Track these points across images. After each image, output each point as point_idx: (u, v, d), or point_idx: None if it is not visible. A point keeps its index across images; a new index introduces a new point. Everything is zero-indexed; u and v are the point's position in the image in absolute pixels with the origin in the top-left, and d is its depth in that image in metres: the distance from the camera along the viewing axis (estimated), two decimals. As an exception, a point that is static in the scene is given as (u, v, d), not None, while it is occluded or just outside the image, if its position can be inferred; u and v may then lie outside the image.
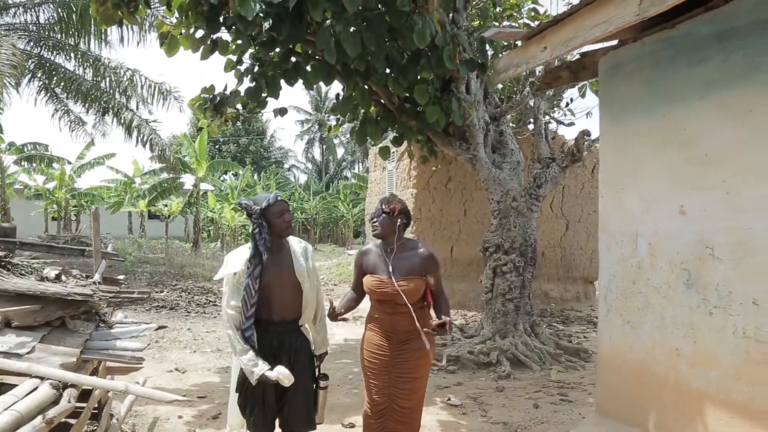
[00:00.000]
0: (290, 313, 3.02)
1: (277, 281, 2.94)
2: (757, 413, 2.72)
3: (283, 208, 2.96)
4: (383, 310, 3.15)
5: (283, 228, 2.96)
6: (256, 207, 2.91)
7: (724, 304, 2.88)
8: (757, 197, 2.71)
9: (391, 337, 3.17)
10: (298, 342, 3.05)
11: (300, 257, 3.06)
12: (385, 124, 6.68)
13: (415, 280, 3.11)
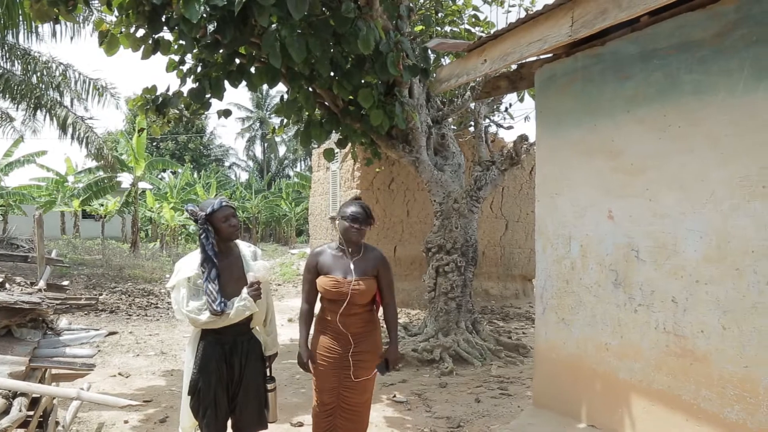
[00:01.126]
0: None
1: (228, 284, 2.96)
2: (673, 400, 2.99)
3: (228, 213, 2.98)
4: (336, 311, 3.13)
5: (229, 233, 2.99)
6: (201, 213, 2.94)
7: (647, 302, 3.14)
8: (675, 204, 2.97)
9: (341, 338, 3.18)
10: (249, 344, 3.10)
11: (250, 261, 3.10)
12: (329, 126, 6.75)
13: (369, 280, 3.15)
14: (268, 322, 3.26)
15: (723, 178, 2.73)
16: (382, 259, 3.26)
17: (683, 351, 2.94)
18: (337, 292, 3.09)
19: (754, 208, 2.59)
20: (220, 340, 3.01)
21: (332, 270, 3.14)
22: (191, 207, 3.03)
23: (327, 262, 3.17)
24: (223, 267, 2.99)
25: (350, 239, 3.12)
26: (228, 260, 3.04)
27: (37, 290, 2.87)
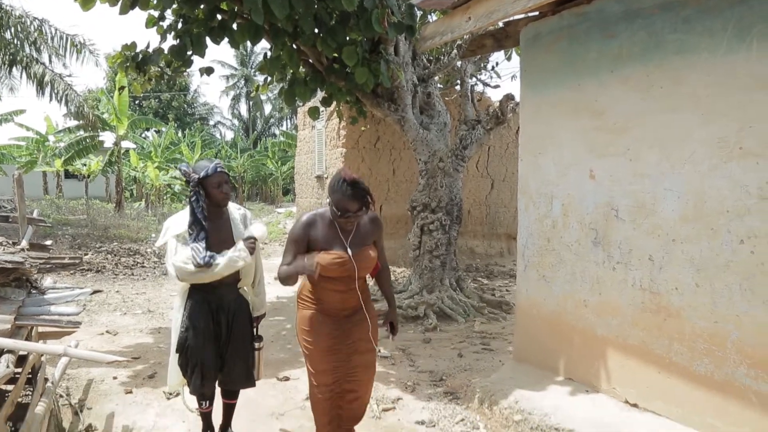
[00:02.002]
0: (229, 277, 3.02)
1: (216, 247, 2.95)
2: (647, 355, 3.09)
3: (222, 179, 2.97)
4: (334, 289, 2.79)
5: (219, 199, 2.98)
6: (194, 175, 2.93)
7: (625, 260, 3.21)
8: (655, 164, 3.01)
9: (340, 315, 2.86)
10: (236, 304, 3.13)
11: (239, 224, 3.10)
12: (313, 84, 6.66)
13: (370, 248, 2.84)
14: (256, 283, 3.27)
15: (703, 139, 2.77)
16: (376, 221, 2.93)
17: (658, 307, 3.03)
18: (342, 269, 2.71)
19: (730, 168, 2.64)
20: (207, 298, 3.04)
21: (330, 243, 2.72)
22: (185, 167, 3.01)
23: (321, 235, 2.74)
24: (211, 230, 2.99)
25: (344, 227, 2.74)
26: (217, 223, 3.04)
27: (20, 250, 2.87)
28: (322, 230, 2.75)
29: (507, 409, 3.46)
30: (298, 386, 4.32)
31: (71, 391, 4.07)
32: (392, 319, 3.09)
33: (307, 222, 2.78)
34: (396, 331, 3.10)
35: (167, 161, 24.05)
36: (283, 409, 3.94)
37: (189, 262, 2.87)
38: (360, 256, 2.76)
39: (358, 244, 2.78)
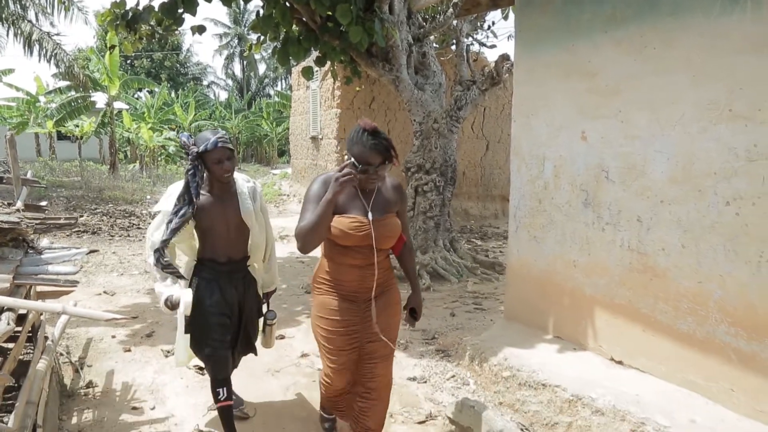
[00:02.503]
0: (237, 254, 2.93)
1: (222, 223, 2.83)
2: (633, 313, 3.17)
3: (223, 155, 2.71)
4: (351, 263, 2.51)
5: (219, 175, 2.75)
6: (194, 148, 2.71)
7: (614, 221, 3.26)
8: (646, 126, 3.03)
9: (358, 298, 2.57)
10: (244, 282, 3.00)
11: (247, 199, 2.89)
12: (307, 43, 6.60)
13: (393, 218, 2.55)
14: (267, 258, 3.15)
15: (693, 101, 2.78)
16: (401, 190, 2.64)
17: (645, 267, 3.09)
18: (360, 237, 2.41)
19: (719, 131, 2.66)
20: (214, 276, 2.90)
21: (348, 207, 2.44)
22: (185, 138, 2.81)
23: (340, 197, 2.42)
24: (217, 203, 2.82)
25: (364, 188, 2.45)
26: (223, 196, 2.85)
27: (15, 210, 2.89)
28: (342, 193, 2.40)
29: (496, 365, 3.55)
30: (293, 344, 4.43)
31: (71, 349, 4.16)
32: (415, 304, 2.78)
33: (325, 180, 2.46)
34: (418, 317, 2.82)
35: (161, 122, 23.87)
36: (279, 366, 4.04)
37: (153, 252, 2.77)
38: (381, 223, 2.46)
39: (379, 210, 2.48)
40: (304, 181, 12.71)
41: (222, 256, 2.90)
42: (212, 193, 2.82)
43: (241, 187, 2.92)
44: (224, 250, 2.90)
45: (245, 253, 2.98)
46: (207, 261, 2.91)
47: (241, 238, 2.94)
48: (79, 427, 3.12)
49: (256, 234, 2.96)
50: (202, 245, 2.93)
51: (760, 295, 2.54)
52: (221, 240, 2.88)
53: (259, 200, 3.02)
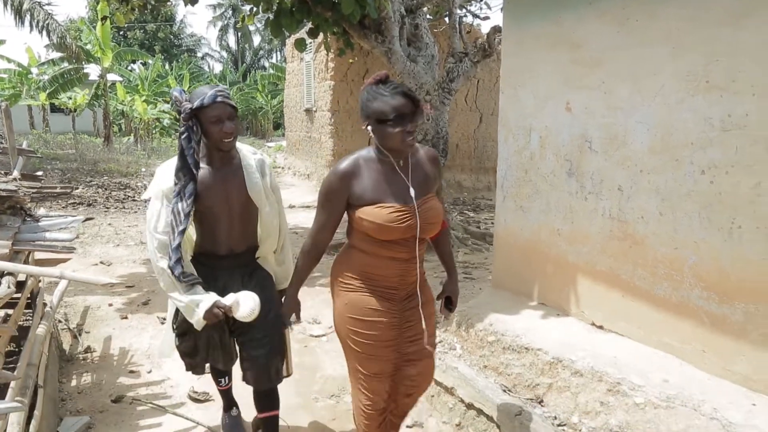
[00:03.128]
0: (242, 244, 2.45)
1: (223, 204, 2.34)
2: (613, 280, 3.29)
3: (223, 113, 2.22)
4: (392, 256, 2.13)
5: (219, 139, 2.24)
6: (186, 104, 2.21)
7: (597, 190, 3.35)
8: (627, 97, 3.10)
9: (396, 295, 2.23)
10: (255, 279, 2.47)
11: (255, 172, 2.39)
12: (300, 15, 6.59)
13: (434, 198, 2.20)
14: (279, 249, 2.63)
15: (673, 72, 2.85)
16: (437, 161, 2.29)
17: (625, 235, 3.19)
18: (403, 228, 2.06)
19: (696, 101, 2.74)
20: (213, 272, 2.42)
21: (382, 194, 2.06)
22: (177, 93, 2.29)
23: (369, 184, 2.07)
24: (218, 179, 2.33)
25: (401, 150, 2.05)
26: (224, 170, 2.36)
27: (12, 179, 2.97)
28: (369, 178, 2.07)
29: (482, 331, 3.68)
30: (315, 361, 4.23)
31: (69, 316, 4.28)
32: (451, 291, 2.52)
33: (347, 170, 2.08)
34: (454, 306, 2.52)
35: (155, 94, 23.72)
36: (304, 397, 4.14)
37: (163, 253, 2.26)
38: (424, 208, 2.10)
39: (420, 189, 2.13)
40: (299, 154, 12.74)
41: (223, 246, 2.41)
42: (211, 165, 2.33)
43: (248, 159, 2.41)
44: (226, 239, 2.40)
45: (252, 242, 2.48)
46: (202, 256, 2.44)
47: (248, 223, 2.44)
48: (79, 389, 3.24)
49: (267, 216, 2.44)
50: (197, 235, 2.45)
51: (731, 260, 2.65)
52: (223, 226, 2.37)
53: (269, 176, 2.49)
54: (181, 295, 2.25)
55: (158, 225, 2.26)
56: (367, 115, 2.03)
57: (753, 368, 2.60)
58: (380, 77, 2.06)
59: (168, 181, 2.28)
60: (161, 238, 2.24)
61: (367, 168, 2.08)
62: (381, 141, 2.04)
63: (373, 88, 2.03)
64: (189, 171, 2.20)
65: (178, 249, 2.20)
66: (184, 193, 2.20)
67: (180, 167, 2.22)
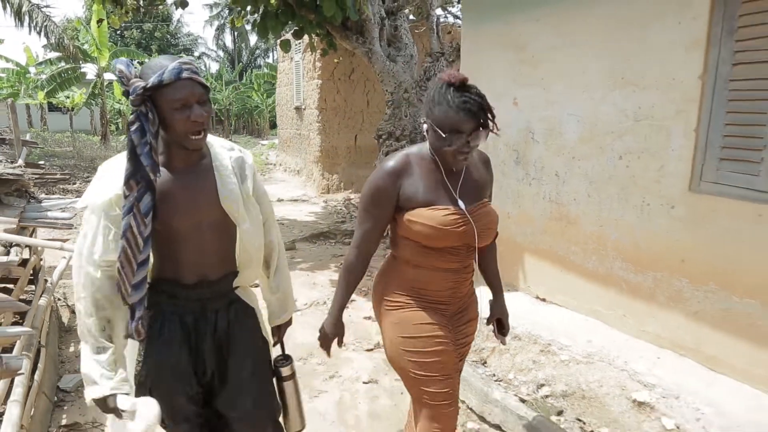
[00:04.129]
0: (216, 270, 1.80)
1: (187, 219, 1.69)
2: (552, 256, 3.68)
3: (191, 94, 1.57)
4: (445, 267, 1.89)
5: (185, 132, 1.59)
6: (137, 82, 1.54)
7: (539, 176, 3.75)
8: (562, 92, 3.49)
9: (448, 310, 1.98)
10: (231, 314, 1.85)
11: (230, 176, 1.76)
12: (285, 17, 6.97)
13: (489, 204, 1.97)
14: (273, 270, 2.03)
15: (596, 70, 3.24)
16: (489, 165, 2.09)
17: (561, 216, 3.59)
18: (459, 234, 1.82)
19: (615, 96, 3.13)
20: (177, 308, 1.78)
21: (436, 196, 1.84)
22: (123, 65, 1.57)
23: (422, 185, 1.84)
24: (181, 184, 1.68)
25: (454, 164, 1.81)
26: (190, 173, 1.71)
27: (18, 166, 3.35)
28: (422, 178, 1.84)
29: (441, 304, 4.07)
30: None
31: (67, 296, 4.66)
32: (501, 313, 2.25)
33: (396, 167, 1.84)
34: (507, 330, 2.27)
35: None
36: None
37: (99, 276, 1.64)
38: (479, 214, 1.87)
39: (471, 196, 1.89)
40: (290, 150, 13.12)
41: (189, 274, 1.75)
42: (170, 166, 1.68)
43: (220, 158, 1.77)
44: (194, 264, 1.75)
45: (229, 268, 1.82)
46: (164, 284, 1.77)
47: (222, 242, 1.78)
48: (76, 354, 3.63)
49: (246, 234, 1.79)
50: (156, 259, 1.75)
51: (643, 235, 3.04)
52: (190, 247, 1.73)
53: (252, 179, 1.85)
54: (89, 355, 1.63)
55: (94, 250, 1.62)
56: (426, 114, 1.79)
57: (661, 328, 3.00)
58: (455, 80, 1.76)
59: (112, 188, 1.61)
60: (93, 273, 1.62)
61: (419, 167, 1.85)
62: (433, 146, 1.81)
63: (444, 90, 1.75)
64: (145, 177, 1.56)
65: (141, 286, 1.62)
66: (140, 209, 1.56)
67: (132, 172, 1.55)
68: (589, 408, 2.86)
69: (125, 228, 1.57)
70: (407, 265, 1.95)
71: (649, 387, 2.69)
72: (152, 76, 1.54)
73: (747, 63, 2.50)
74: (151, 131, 1.55)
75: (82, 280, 1.64)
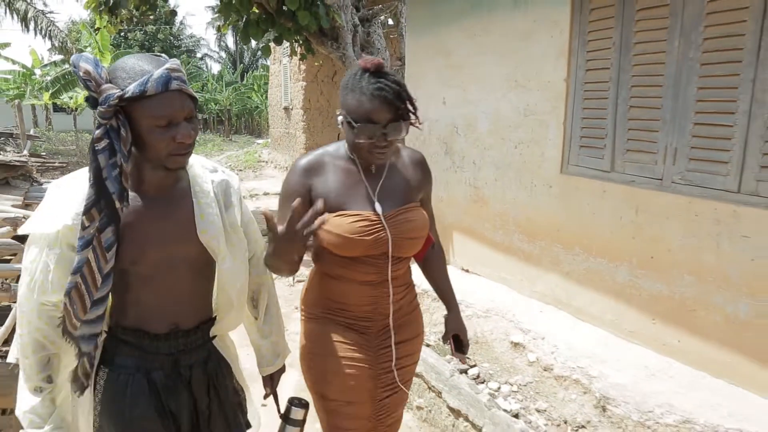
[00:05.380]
0: (189, 317, 1.52)
1: (159, 253, 1.42)
2: (472, 233, 4.32)
3: (179, 110, 1.32)
4: (359, 279, 1.72)
5: (167, 154, 1.34)
6: (109, 88, 1.26)
7: (461, 165, 4.38)
8: (476, 93, 4.13)
9: (370, 328, 1.79)
10: (208, 371, 1.57)
11: (211, 204, 1.50)
12: (265, 25, 7.63)
13: (416, 210, 1.76)
14: (263, 312, 1.79)
15: (498, 75, 3.87)
16: (424, 166, 1.88)
17: (477, 198, 4.23)
18: (371, 242, 1.65)
19: (511, 96, 3.77)
20: (144, 364, 1.47)
21: (348, 198, 1.68)
22: (90, 65, 1.27)
23: (333, 185, 1.69)
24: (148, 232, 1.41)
25: (367, 161, 1.69)
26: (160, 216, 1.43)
27: (23, 155, 4.01)
28: (335, 177, 1.70)
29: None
30: None
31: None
32: (457, 329, 2.01)
33: (308, 165, 1.70)
34: (466, 347, 2.03)
35: (153, 95, 24.72)
36: None
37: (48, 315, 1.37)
38: (399, 219, 1.70)
39: (395, 199, 1.73)
40: (280, 148, 13.79)
41: (158, 322, 1.47)
42: (140, 189, 1.42)
43: (200, 182, 1.52)
44: (164, 309, 1.47)
45: (207, 314, 1.57)
46: (126, 334, 1.46)
47: (199, 282, 1.53)
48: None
49: (226, 273, 1.52)
50: (117, 301, 1.44)
51: (532, 211, 3.67)
52: (158, 289, 1.45)
53: (238, 206, 1.61)
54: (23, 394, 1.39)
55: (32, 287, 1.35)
56: (341, 104, 1.62)
57: (545, 287, 3.64)
58: (370, 65, 1.59)
59: (60, 217, 1.34)
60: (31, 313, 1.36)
61: (333, 167, 1.71)
62: (348, 141, 1.67)
63: (357, 77, 1.59)
64: (110, 207, 1.30)
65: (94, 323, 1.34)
66: (100, 242, 1.30)
67: (94, 200, 1.30)
68: (480, 350, 3.50)
69: (80, 263, 1.29)
70: (326, 277, 1.78)
71: (525, 332, 3.33)
72: (130, 84, 1.26)
73: (594, 69, 3.14)
74: (123, 151, 1.28)
75: (23, 318, 1.38)
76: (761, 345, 2.41)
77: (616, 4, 2.95)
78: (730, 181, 2.48)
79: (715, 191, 2.55)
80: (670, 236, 2.76)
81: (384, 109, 1.56)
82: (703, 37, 2.53)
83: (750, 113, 2.37)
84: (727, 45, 2.44)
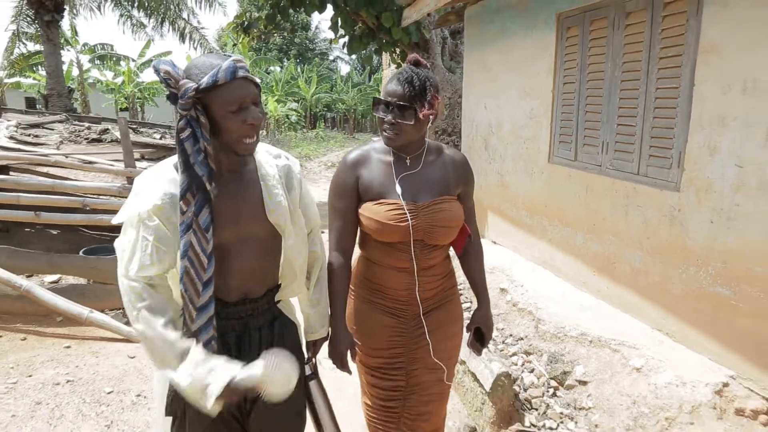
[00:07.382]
0: (260, 286, 1.70)
1: (234, 231, 1.59)
2: (498, 211, 5.40)
3: (247, 95, 1.48)
4: (390, 265, 1.89)
5: (240, 137, 1.50)
6: (186, 83, 1.44)
7: (494, 157, 5.47)
8: (504, 100, 5.20)
9: (405, 312, 1.94)
10: (275, 331, 1.74)
11: (277, 187, 1.66)
12: (366, 39, 9.06)
13: (449, 202, 1.87)
14: (314, 282, 1.91)
15: (515, 87, 4.92)
16: (464, 166, 1.99)
17: (502, 183, 5.29)
18: (402, 229, 1.79)
19: (522, 103, 4.81)
20: (218, 329, 1.58)
21: (387, 191, 1.84)
22: (169, 66, 1.46)
23: (376, 178, 1.85)
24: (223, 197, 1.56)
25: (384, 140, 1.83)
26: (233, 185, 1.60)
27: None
28: (378, 170, 1.86)
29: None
30: None
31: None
32: (482, 323, 2.06)
33: (356, 159, 1.88)
34: (487, 341, 2.08)
35: (286, 94, 27.42)
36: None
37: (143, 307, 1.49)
38: (431, 209, 1.83)
39: (430, 190, 1.86)
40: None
41: (231, 292, 1.64)
42: (216, 175, 1.53)
43: (266, 166, 1.68)
44: (236, 281, 1.64)
45: (273, 283, 1.75)
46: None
47: (266, 257, 1.70)
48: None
49: (291, 249, 1.70)
50: None
51: (532, 192, 4.70)
52: (231, 263, 1.61)
53: (298, 188, 1.75)
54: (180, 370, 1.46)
55: (130, 267, 1.50)
56: None
57: (539, 253, 4.65)
58: (411, 59, 1.80)
59: (150, 199, 1.49)
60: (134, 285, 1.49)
61: (378, 160, 1.87)
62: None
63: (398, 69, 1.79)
64: (201, 189, 1.47)
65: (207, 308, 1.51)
66: (199, 224, 1.47)
67: (187, 185, 1.46)
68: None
69: (186, 247, 1.45)
70: (368, 262, 1.96)
71: (511, 282, 4.40)
72: (203, 77, 1.44)
73: (568, 83, 4.14)
74: (205, 135, 1.45)
75: (127, 296, 1.50)
76: (650, 286, 3.36)
77: (579, 35, 3.95)
78: (633, 166, 3.45)
79: (626, 174, 3.52)
80: (604, 209, 3.74)
81: (396, 89, 1.73)
82: (623, 61, 3.51)
83: (644, 117, 3.33)
84: (634, 67, 3.41)
